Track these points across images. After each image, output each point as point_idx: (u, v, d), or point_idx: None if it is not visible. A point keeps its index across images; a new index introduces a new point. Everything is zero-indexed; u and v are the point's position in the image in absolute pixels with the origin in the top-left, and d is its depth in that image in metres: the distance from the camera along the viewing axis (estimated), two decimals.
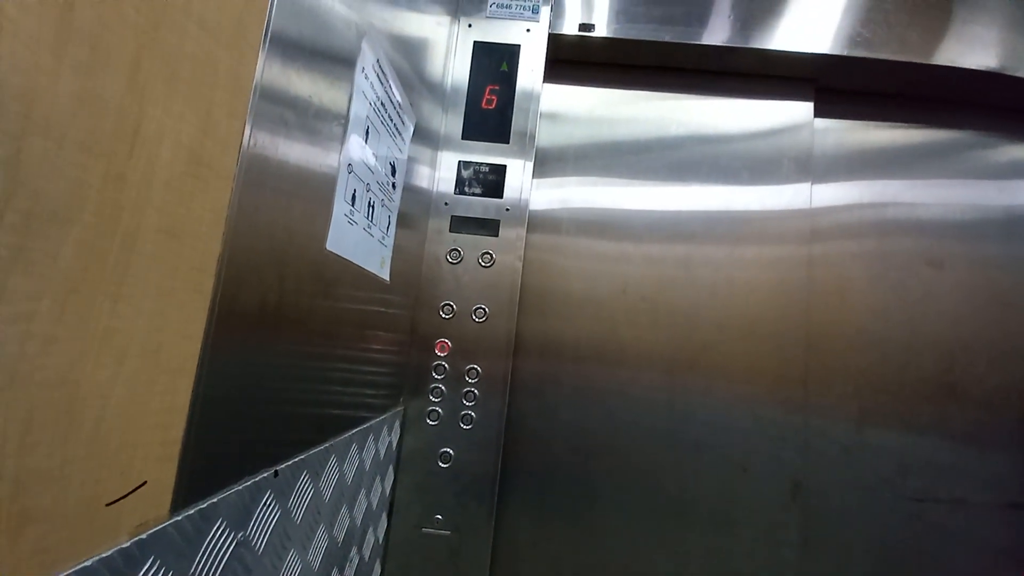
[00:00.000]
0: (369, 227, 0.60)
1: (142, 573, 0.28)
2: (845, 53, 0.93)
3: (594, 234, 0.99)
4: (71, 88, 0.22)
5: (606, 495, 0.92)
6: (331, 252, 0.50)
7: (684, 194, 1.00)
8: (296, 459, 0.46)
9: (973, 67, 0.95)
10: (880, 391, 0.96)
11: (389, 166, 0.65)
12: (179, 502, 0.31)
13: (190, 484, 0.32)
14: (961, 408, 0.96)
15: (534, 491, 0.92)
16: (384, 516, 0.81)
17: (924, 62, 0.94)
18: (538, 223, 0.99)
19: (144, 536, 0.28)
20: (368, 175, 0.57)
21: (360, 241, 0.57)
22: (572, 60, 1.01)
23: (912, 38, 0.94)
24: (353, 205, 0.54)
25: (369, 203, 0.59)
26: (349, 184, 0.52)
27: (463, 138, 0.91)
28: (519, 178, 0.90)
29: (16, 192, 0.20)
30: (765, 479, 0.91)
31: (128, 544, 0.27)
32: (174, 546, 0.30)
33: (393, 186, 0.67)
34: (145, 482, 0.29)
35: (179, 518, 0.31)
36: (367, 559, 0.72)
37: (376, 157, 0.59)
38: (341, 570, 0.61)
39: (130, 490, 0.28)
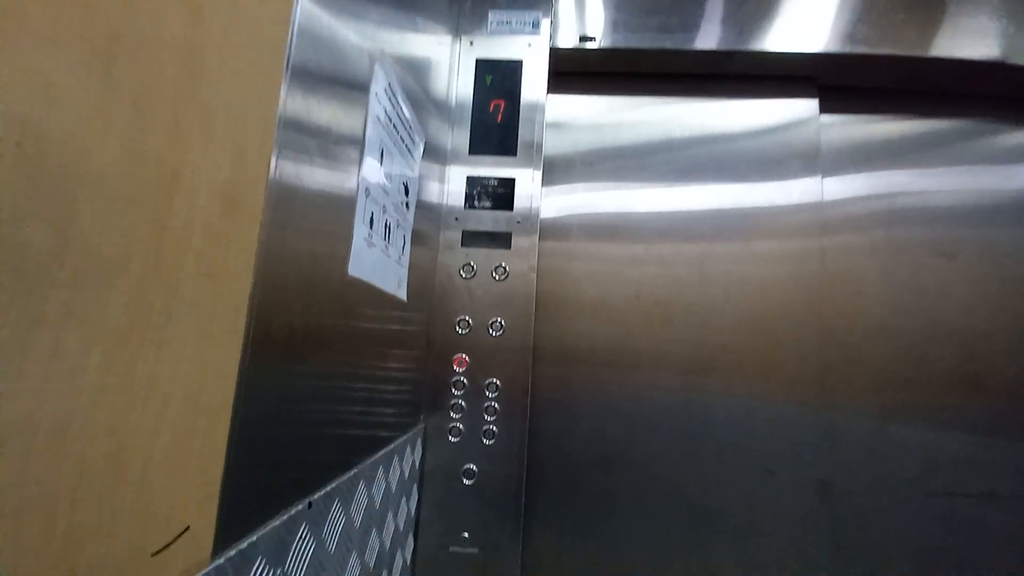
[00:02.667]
0: (387, 248, 0.60)
1: None
2: (844, 51, 0.94)
3: (605, 238, 0.99)
4: (117, 147, 0.22)
5: (630, 504, 0.91)
6: (353, 277, 0.50)
7: (694, 194, 1.00)
8: (328, 488, 0.46)
9: (972, 57, 0.95)
10: (900, 386, 0.95)
11: (403, 186, 0.65)
12: (220, 544, 0.31)
13: (230, 524, 0.32)
14: (984, 399, 0.95)
15: (558, 503, 0.91)
16: (410, 537, 0.80)
17: (922, 55, 0.94)
18: (549, 231, 0.99)
19: None
20: (384, 197, 0.57)
21: (379, 263, 0.57)
22: (574, 72, 1.02)
23: (909, 32, 0.95)
24: (371, 228, 0.54)
25: (386, 224, 0.59)
26: (367, 207, 0.52)
27: (470, 153, 0.92)
28: (528, 189, 0.91)
29: (68, 251, 0.20)
30: (791, 481, 0.90)
31: None
32: None
33: (407, 206, 0.68)
34: (188, 527, 0.29)
35: (221, 561, 0.31)
36: None
37: (391, 178, 0.60)
38: None
39: (174, 537, 0.28)
